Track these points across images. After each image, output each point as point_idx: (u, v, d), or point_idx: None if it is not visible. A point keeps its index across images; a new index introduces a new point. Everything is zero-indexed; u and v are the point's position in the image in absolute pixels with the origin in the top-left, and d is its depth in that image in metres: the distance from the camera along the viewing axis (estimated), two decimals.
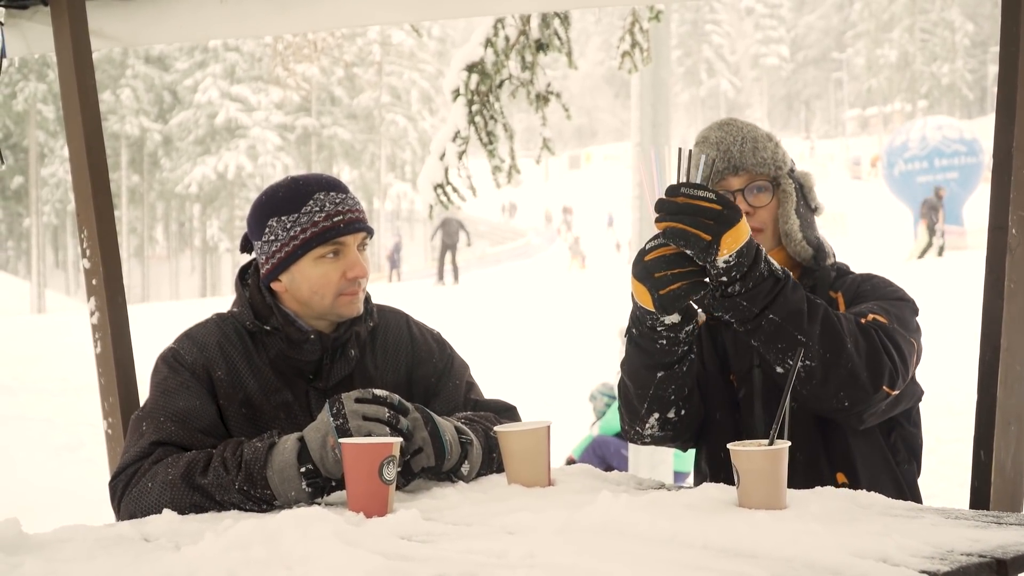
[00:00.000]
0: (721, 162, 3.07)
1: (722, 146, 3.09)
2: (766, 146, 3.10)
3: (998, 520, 2.19)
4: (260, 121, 59.57)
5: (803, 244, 3.07)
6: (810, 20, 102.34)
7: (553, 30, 7.47)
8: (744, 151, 3.07)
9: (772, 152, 3.11)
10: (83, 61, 4.08)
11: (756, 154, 3.08)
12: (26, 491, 10.85)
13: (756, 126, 3.16)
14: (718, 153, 3.08)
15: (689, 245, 2.65)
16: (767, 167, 3.09)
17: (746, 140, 3.09)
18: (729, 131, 3.12)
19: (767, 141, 3.12)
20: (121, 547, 2.27)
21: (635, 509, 2.28)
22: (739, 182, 3.07)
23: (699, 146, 3.13)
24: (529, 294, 27.68)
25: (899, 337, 2.83)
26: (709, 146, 3.10)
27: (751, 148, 3.08)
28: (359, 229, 2.91)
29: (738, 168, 3.07)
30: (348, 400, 2.60)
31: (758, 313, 2.71)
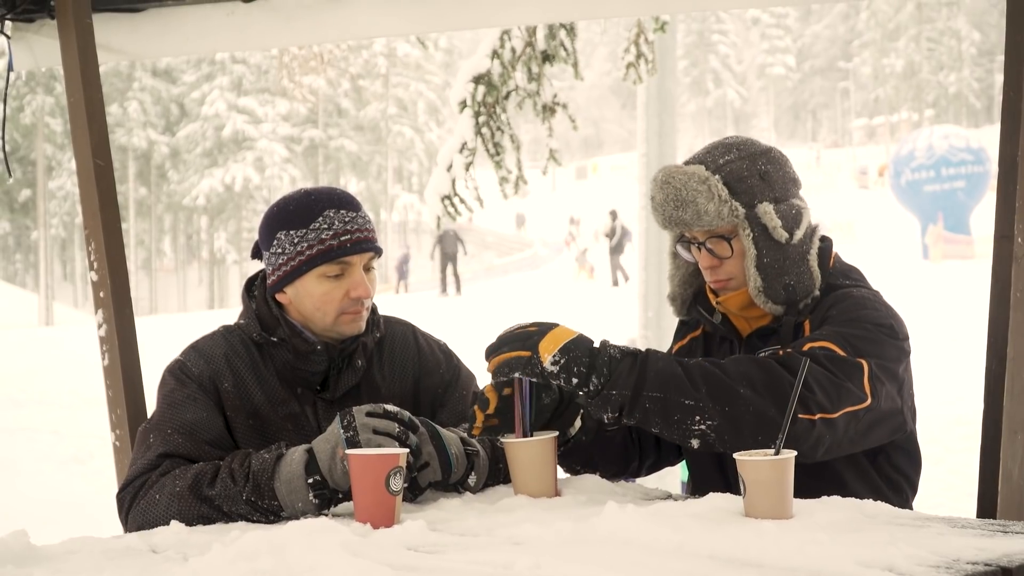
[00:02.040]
0: (669, 224, 3.00)
1: (665, 211, 2.97)
2: (707, 205, 2.93)
3: (1004, 529, 2.19)
4: (267, 133, 59.65)
5: (768, 304, 2.96)
6: (816, 30, 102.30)
7: (559, 41, 7.48)
8: (686, 214, 2.95)
9: (717, 207, 2.93)
10: (90, 74, 4.09)
11: (700, 216, 2.94)
12: (34, 503, 10.87)
13: (698, 176, 2.95)
14: (663, 217, 2.99)
15: (515, 368, 2.62)
16: (715, 222, 2.94)
17: (685, 203, 2.93)
18: (668, 192, 2.95)
19: (709, 197, 2.93)
20: (129, 559, 2.27)
21: (641, 519, 2.28)
22: (700, 235, 3.01)
23: (651, 202, 3.04)
24: (536, 305, 27.67)
25: (828, 361, 2.69)
26: (656, 206, 3.00)
27: (692, 212, 2.93)
28: (366, 249, 2.91)
29: (688, 226, 2.98)
30: (359, 413, 2.61)
31: (633, 395, 2.60)
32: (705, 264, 3.02)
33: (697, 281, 3.19)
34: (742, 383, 2.62)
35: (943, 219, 35.52)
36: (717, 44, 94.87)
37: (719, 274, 3.01)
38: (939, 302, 20.39)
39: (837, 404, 2.65)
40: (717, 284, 3.04)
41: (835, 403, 2.65)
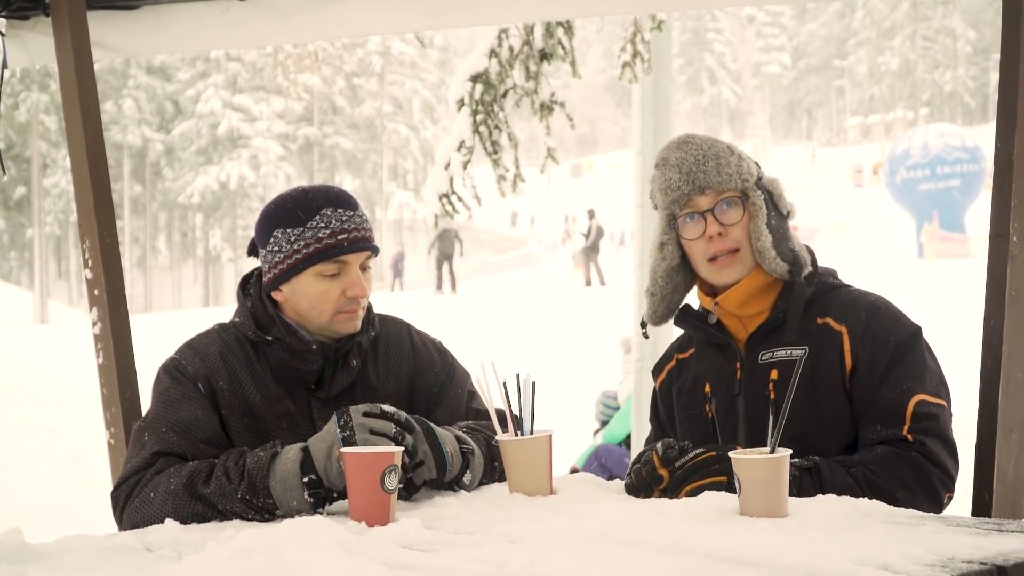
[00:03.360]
0: (686, 183, 3.02)
1: (683, 167, 3.02)
2: (728, 160, 3.04)
3: (999, 527, 2.19)
4: (262, 131, 59.62)
5: (777, 261, 3.02)
6: (812, 28, 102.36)
7: (557, 39, 7.48)
8: (707, 169, 3.01)
9: (736, 165, 3.04)
10: (84, 72, 4.09)
11: (720, 170, 3.02)
12: (29, 501, 10.86)
13: (716, 140, 3.09)
14: (680, 175, 3.02)
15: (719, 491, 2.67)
16: (733, 181, 3.03)
17: (708, 157, 3.03)
18: (689, 150, 3.04)
19: (729, 155, 3.05)
20: (123, 557, 2.27)
21: (637, 517, 2.29)
22: (706, 201, 3.03)
23: (659, 168, 3.08)
24: (531, 303, 27.69)
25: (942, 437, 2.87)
26: (670, 168, 3.04)
27: (714, 165, 3.02)
28: (362, 248, 2.91)
29: (704, 187, 3.01)
30: (356, 413, 2.60)
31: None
32: (713, 231, 3.02)
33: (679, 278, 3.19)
34: (898, 486, 2.79)
35: (938, 217, 35.57)
36: (712, 42, 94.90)
37: (726, 242, 3.03)
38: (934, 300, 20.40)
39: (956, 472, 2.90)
40: (721, 254, 3.04)
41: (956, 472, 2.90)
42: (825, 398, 2.96)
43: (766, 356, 3.03)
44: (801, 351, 2.97)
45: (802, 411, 2.92)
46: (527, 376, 2.71)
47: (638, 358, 9.09)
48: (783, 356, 3.00)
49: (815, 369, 2.96)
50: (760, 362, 3.03)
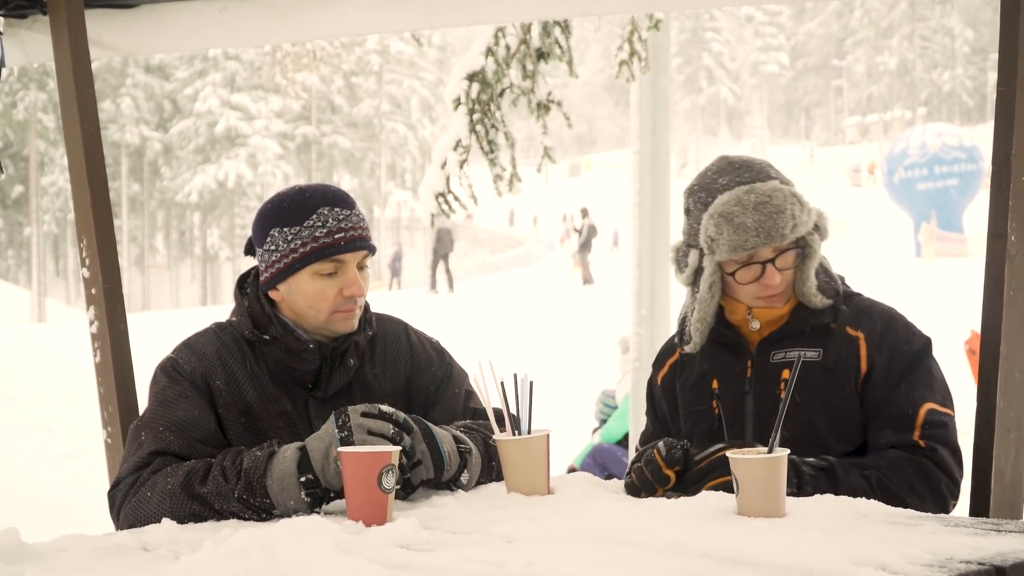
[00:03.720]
0: (761, 242, 2.97)
1: (761, 228, 2.97)
2: (798, 212, 3.00)
3: (997, 527, 2.19)
4: (260, 130, 59.57)
5: (821, 299, 3.05)
6: (810, 27, 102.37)
7: (554, 38, 7.47)
8: (781, 227, 2.97)
9: (803, 215, 3.01)
10: (82, 70, 4.08)
11: (795, 228, 2.99)
12: (25, 500, 10.86)
13: (779, 187, 3.02)
14: (757, 237, 2.97)
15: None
16: (801, 229, 3.01)
17: (780, 213, 2.98)
18: (764, 210, 2.97)
19: (799, 206, 3.00)
20: (120, 556, 2.27)
21: (634, 517, 2.28)
22: (769, 252, 3.02)
23: (726, 219, 2.99)
24: (529, 302, 27.68)
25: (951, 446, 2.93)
26: (743, 228, 2.98)
27: (789, 222, 2.98)
28: (360, 248, 2.90)
29: (780, 238, 2.98)
30: (354, 413, 2.60)
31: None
32: (773, 281, 3.02)
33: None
34: (908, 492, 2.85)
35: (936, 217, 35.57)
36: (711, 42, 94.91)
37: (779, 288, 3.04)
38: (932, 300, 20.41)
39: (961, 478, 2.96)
40: (774, 300, 3.07)
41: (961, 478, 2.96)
42: (839, 401, 2.99)
43: (778, 356, 3.05)
44: (815, 353, 3.01)
45: (816, 412, 2.96)
46: (524, 375, 2.71)
47: (636, 357, 9.09)
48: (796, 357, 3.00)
49: (831, 372, 2.99)
50: (772, 361, 3.06)
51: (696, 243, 3.11)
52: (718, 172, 3.11)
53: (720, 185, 3.07)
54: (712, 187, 3.09)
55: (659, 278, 9.20)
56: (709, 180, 3.11)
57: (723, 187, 3.06)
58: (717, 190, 3.07)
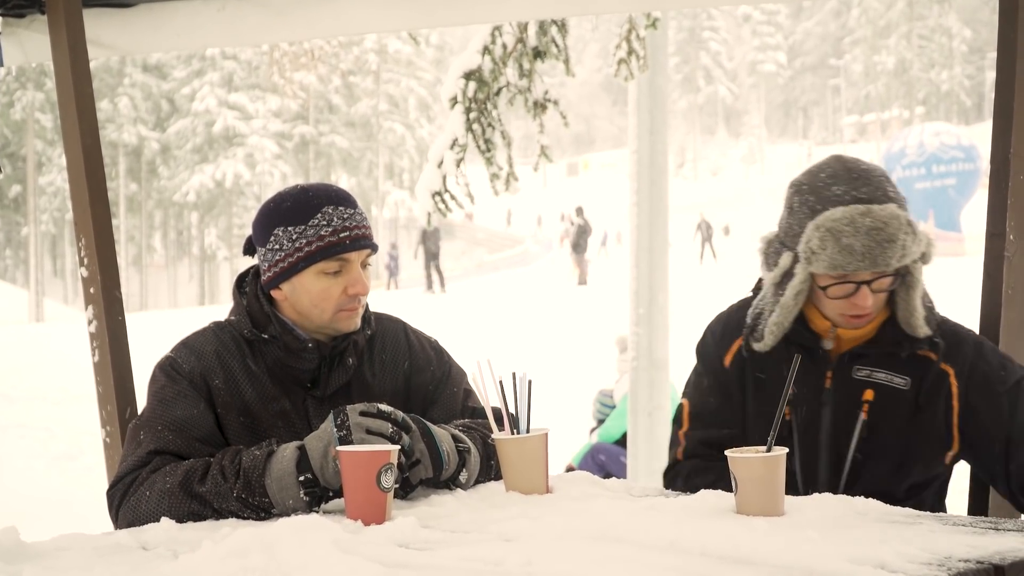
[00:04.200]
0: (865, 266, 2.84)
1: (868, 253, 2.82)
2: (909, 241, 2.85)
3: (996, 526, 2.19)
4: (258, 129, 59.58)
5: (925, 329, 2.96)
6: (807, 27, 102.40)
7: (551, 37, 7.47)
8: (889, 255, 2.83)
9: (913, 244, 2.86)
10: (80, 70, 4.07)
11: (902, 258, 2.86)
12: (24, 500, 10.85)
13: (896, 211, 2.85)
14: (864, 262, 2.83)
15: None
16: (908, 258, 2.88)
17: (892, 241, 2.82)
18: (876, 237, 2.81)
19: (911, 234, 2.86)
20: (119, 555, 2.26)
21: (633, 516, 2.28)
22: (867, 274, 2.89)
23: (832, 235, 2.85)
24: (527, 301, 27.68)
25: None
26: (839, 247, 2.84)
27: (898, 252, 2.84)
28: (364, 246, 2.90)
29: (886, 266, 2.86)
30: (353, 413, 2.60)
31: None
32: (865, 302, 2.90)
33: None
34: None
35: (934, 216, 35.59)
36: (708, 41, 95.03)
37: (870, 309, 2.92)
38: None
39: None
40: (860, 321, 2.96)
41: None
42: (927, 433, 2.95)
43: (862, 373, 2.97)
44: (903, 380, 2.95)
45: (902, 442, 2.92)
46: (523, 374, 2.71)
47: (634, 357, 9.09)
48: (883, 380, 2.96)
49: (917, 403, 2.93)
50: (854, 377, 2.97)
51: (792, 246, 2.96)
52: (832, 177, 2.94)
53: (833, 194, 2.91)
54: (824, 193, 2.93)
55: (657, 278, 9.20)
56: (821, 184, 2.95)
57: (836, 198, 2.90)
58: (829, 199, 2.91)
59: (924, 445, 2.95)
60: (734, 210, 62.13)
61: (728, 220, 55.98)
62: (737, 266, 36.00)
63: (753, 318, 3.10)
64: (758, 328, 3.07)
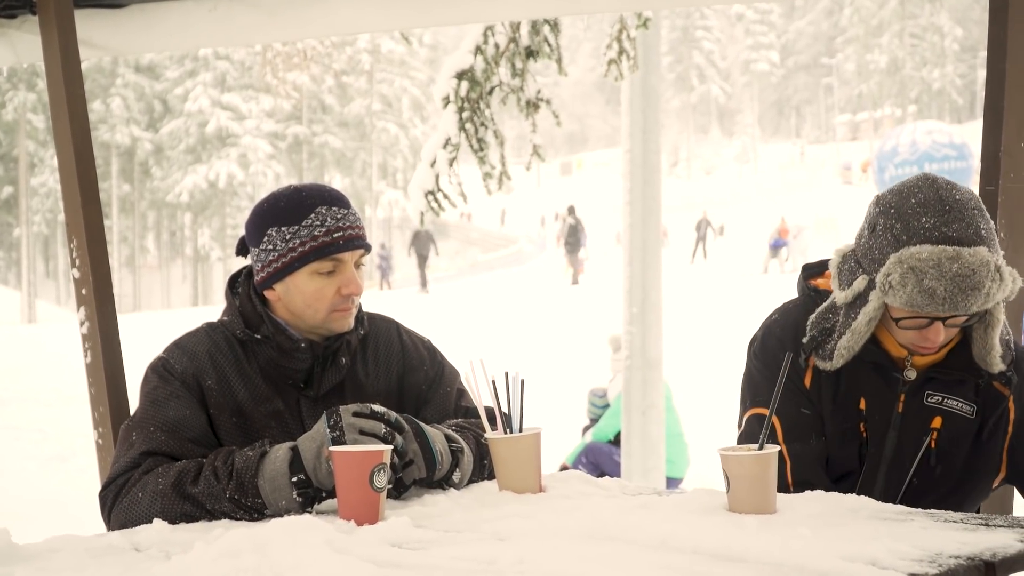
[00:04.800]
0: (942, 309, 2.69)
1: (950, 297, 2.67)
2: (993, 289, 2.70)
3: (987, 523, 2.20)
4: (251, 129, 59.51)
5: (999, 366, 2.86)
6: (800, 26, 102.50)
7: (543, 37, 7.48)
8: (970, 301, 2.68)
9: (999, 290, 2.71)
10: (72, 70, 4.08)
11: (986, 302, 2.71)
12: (17, 501, 10.84)
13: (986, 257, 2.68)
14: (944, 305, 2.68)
15: None
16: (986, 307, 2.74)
17: (976, 288, 2.67)
18: (960, 283, 2.66)
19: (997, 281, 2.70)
20: (112, 557, 2.27)
21: (625, 514, 2.29)
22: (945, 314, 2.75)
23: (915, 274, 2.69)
24: (521, 301, 27.68)
25: None
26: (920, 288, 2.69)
27: (980, 299, 2.69)
28: (358, 246, 2.90)
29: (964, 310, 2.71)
30: (346, 413, 2.60)
31: None
32: (937, 338, 2.78)
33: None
34: None
35: None
36: (701, 40, 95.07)
37: (939, 342, 2.81)
38: None
39: None
40: (927, 351, 2.86)
41: None
42: (986, 461, 2.92)
43: (934, 399, 2.90)
44: (969, 408, 2.90)
45: (961, 470, 2.89)
46: (516, 374, 2.71)
47: (627, 356, 9.09)
48: (954, 407, 2.90)
49: (981, 431, 2.88)
50: (926, 404, 2.90)
51: (871, 271, 2.82)
52: (923, 206, 2.75)
53: (922, 227, 2.73)
54: (912, 223, 2.75)
55: (650, 276, 9.20)
56: (910, 212, 2.76)
57: (924, 232, 2.72)
58: (917, 232, 2.73)
59: (981, 473, 2.92)
60: (727, 208, 62.18)
61: (722, 219, 56.02)
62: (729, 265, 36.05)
63: (821, 333, 2.95)
64: (826, 346, 2.93)
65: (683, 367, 15.33)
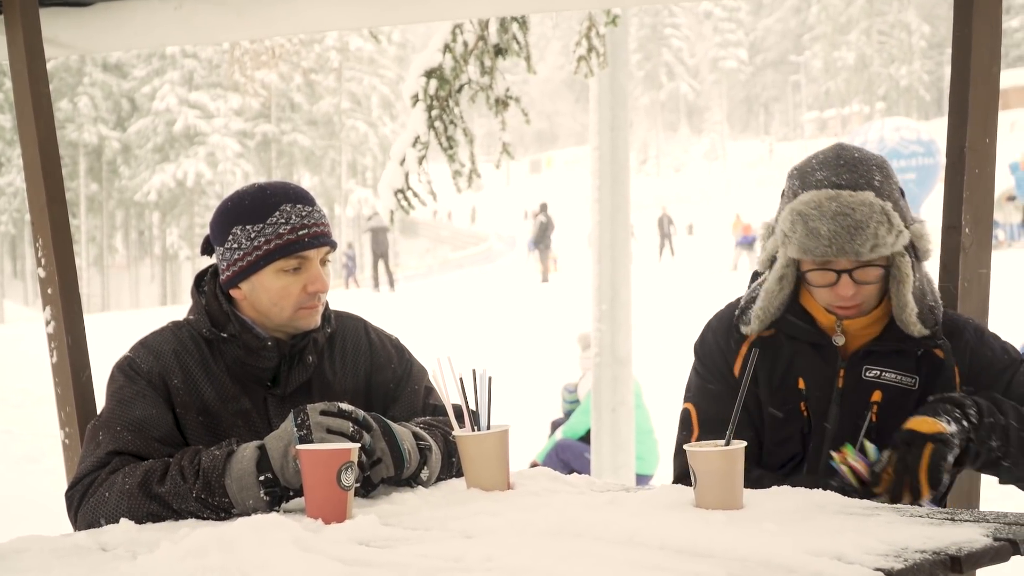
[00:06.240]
0: (832, 251, 2.79)
1: (835, 237, 2.77)
2: (884, 231, 2.78)
3: (952, 517, 2.21)
4: (219, 128, 59.31)
5: (920, 328, 2.88)
6: (768, 23, 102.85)
7: (512, 34, 7.48)
8: (858, 242, 2.77)
9: (889, 234, 2.79)
10: (37, 69, 4.05)
11: (875, 248, 2.79)
12: None
13: (872, 199, 2.79)
14: (829, 246, 2.78)
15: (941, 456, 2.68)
16: (885, 250, 2.80)
17: (861, 227, 2.76)
18: (842, 221, 2.77)
19: (886, 223, 2.79)
20: (78, 557, 2.26)
21: (593, 510, 2.29)
22: (847, 263, 2.83)
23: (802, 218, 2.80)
24: (491, 298, 27.68)
25: None
26: (807, 230, 2.79)
27: (869, 240, 2.77)
28: (322, 243, 2.90)
29: (855, 255, 2.80)
30: (313, 412, 2.59)
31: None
32: (846, 292, 2.85)
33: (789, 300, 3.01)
34: None
35: None
36: (670, 38, 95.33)
37: (855, 300, 2.87)
38: None
39: None
40: (848, 312, 2.90)
41: None
42: None
43: (872, 373, 2.92)
44: (911, 380, 2.91)
45: None
46: (483, 371, 2.71)
47: (597, 353, 9.11)
48: (892, 380, 2.92)
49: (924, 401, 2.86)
50: (864, 378, 2.92)
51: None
52: (822, 163, 2.90)
53: (815, 179, 2.87)
54: (808, 177, 2.89)
55: (620, 274, 9.21)
56: (809, 168, 2.91)
57: (817, 182, 2.86)
58: (811, 183, 2.87)
59: None
60: (696, 206, 62.34)
61: (690, 216, 56.15)
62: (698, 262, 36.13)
63: (748, 302, 3.05)
64: (748, 313, 3.02)
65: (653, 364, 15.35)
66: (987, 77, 3.55)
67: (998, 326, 3.30)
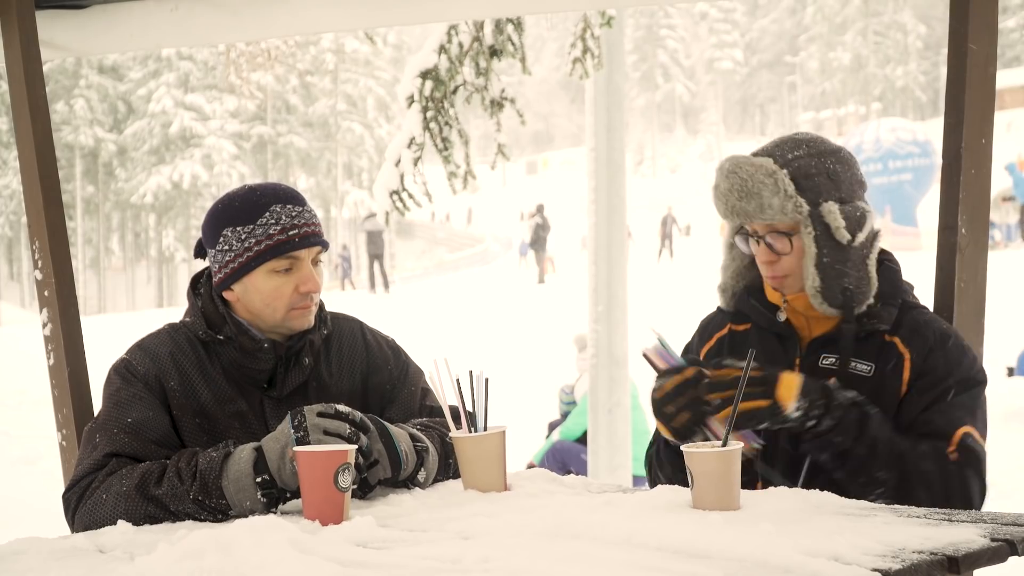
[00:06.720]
0: (729, 215, 2.95)
1: (728, 200, 2.93)
2: (771, 196, 2.89)
3: (949, 518, 2.21)
4: (215, 130, 59.32)
5: (824, 306, 2.92)
6: (764, 24, 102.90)
7: (507, 36, 7.48)
8: (748, 206, 2.90)
9: (781, 202, 2.89)
10: (33, 72, 4.05)
11: (763, 209, 2.90)
12: None
13: (762, 166, 2.91)
14: (725, 207, 2.94)
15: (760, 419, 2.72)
16: (779, 216, 2.90)
17: (749, 193, 2.89)
18: (733, 181, 2.91)
19: (773, 188, 2.89)
20: (75, 559, 2.26)
21: (590, 512, 2.29)
22: (760, 227, 2.95)
23: (714, 189, 2.99)
24: (487, 300, 27.68)
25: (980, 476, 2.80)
26: (718, 196, 2.96)
27: (756, 203, 2.89)
28: (314, 243, 2.90)
29: (747, 219, 2.94)
30: (311, 413, 2.59)
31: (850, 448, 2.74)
32: (763, 259, 2.96)
33: (751, 274, 3.14)
34: (923, 485, 2.74)
35: (890, 211, 35.79)
36: (665, 39, 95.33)
37: (776, 270, 2.95)
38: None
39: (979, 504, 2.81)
40: (774, 281, 2.99)
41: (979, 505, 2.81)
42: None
43: (827, 361, 2.95)
44: (867, 367, 2.91)
45: None
46: (480, 373, 2.71)
47: (593, 354, 9.11)
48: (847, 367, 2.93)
49: (879, 388, 2.88)
50: (820, 366, 2.95)
51: None
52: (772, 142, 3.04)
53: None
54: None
55: (616, 275, 9.21)
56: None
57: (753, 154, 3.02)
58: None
59: None
60: (692, 207, 62.33)
61: (688, 217, 56.13)
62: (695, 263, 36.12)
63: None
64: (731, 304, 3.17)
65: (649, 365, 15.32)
66: (983, 78, 3.55)
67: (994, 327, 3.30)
